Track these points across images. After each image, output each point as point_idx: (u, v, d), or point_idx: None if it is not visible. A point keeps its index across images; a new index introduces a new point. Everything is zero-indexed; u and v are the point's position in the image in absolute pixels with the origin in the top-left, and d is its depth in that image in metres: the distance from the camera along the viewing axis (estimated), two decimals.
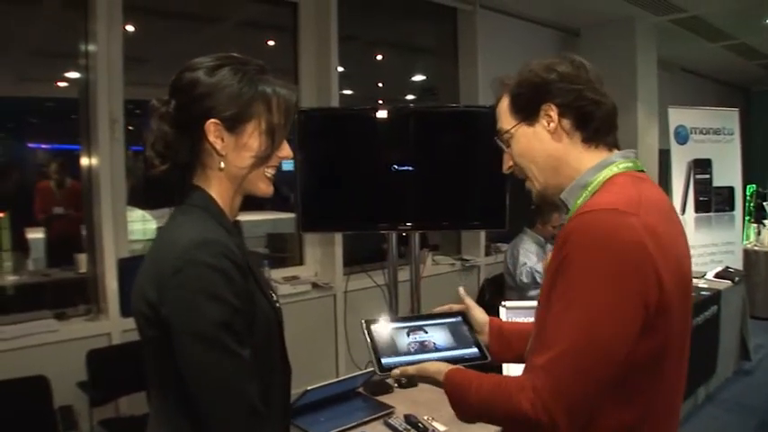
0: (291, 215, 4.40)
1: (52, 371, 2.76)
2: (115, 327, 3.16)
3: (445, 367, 1.20)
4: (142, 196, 3.65)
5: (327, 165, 3.16)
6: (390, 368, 1.27)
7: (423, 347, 1.34)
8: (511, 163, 1.25)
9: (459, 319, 1.44)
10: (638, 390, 1.04)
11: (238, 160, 1.13)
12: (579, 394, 0.99)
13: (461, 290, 1.54)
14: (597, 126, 1.16)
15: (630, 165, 1.14)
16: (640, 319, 0.99)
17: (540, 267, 3.89)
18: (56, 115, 4.74)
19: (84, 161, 3.26)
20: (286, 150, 1.19)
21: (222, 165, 1.12)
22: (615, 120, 1.19)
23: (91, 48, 3.17)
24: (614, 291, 0.98)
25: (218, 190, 1.15)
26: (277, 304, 1.23)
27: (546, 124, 1.17)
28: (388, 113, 3.22)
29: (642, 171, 1.16)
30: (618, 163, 1.14)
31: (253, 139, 1.13)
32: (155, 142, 1.12)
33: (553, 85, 1.15)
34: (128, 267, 3.22)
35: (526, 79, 1.18)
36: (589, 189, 1.12)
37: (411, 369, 1.24)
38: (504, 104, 1.23)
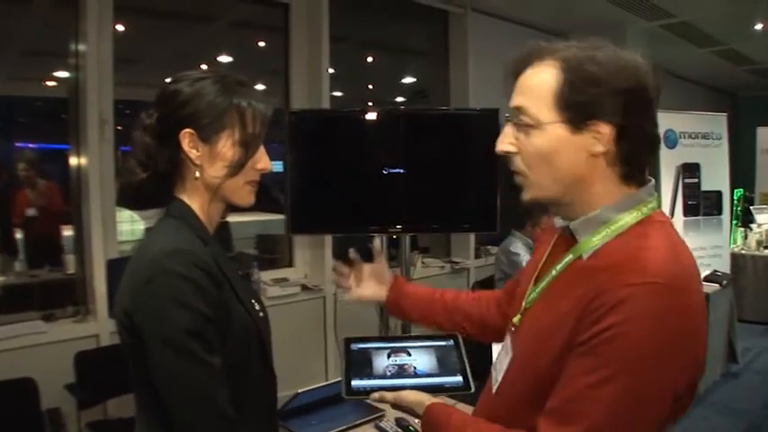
0: (281, 216, 4.39)
1: (39, 373, 2.74)
2: (103, 328, 3.13)
3: (427, 399, 1.11)
4: (130, 197, 3.63)
5: (318, 166, 3.15)
6: (359, 392, 1.20)
7: (401, 371, 1.25)
8: (510, 148, 1.03)
9: (452, 342, 1.35)
10: None
11: (213, 170, 1.15)
12: None
13: (352, 252, 1.57)
14: (642, 164, 0.99)
15: (656, 204, 1.00)
16: (669, 406, 0.91)
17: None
18: (45, 115, 4.71)
19: (74, 161, 3.23)
20: (264, 162, 1.20)
21: (197, 174, 1.15)
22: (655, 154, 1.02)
23: (81, 47, 3.15)
24: (657, 378, 0.88)
25: (196, 200, 1.18)
26: (260, 314, 1.23)
27: (592, 142, 0.96)
28: (380, 115, 3.22)
29: (659, 208, 1.02)
30: (647, 203, 0.98)
31: (226, 148, 1.15)
32: (137, 152, 1.16)
33: (623, 99, 0.94)
34: (117, 268, 3.18)
35: (594, 75, 0.94)
36: (612, 229, 0.96)
37: (389, 396, 1.14)
38: (548, 85, 0.96)
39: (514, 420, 0.99)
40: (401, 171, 3.11)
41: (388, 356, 1.29)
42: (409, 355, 1.29)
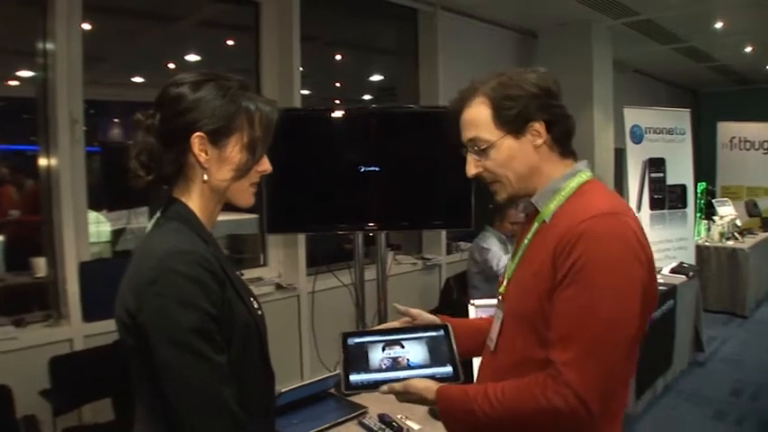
0: (252, 216, 4.38)
1: (12, 379, 2.67)
2: (77, 332, 3.07)
3: (434, 384, 1.24)
4: (98, 198, 3.58)
5: (291, 165, 3.14)
6: (357, 386, 1.28)
7: (395, 364, 1.32)
8: (478, 170, 1.29)
9: (442, 333, 1.40)
10: (632, 358, 1.18)
11: (220, 173, 1.17)
12: (609, 381, 1.09)
13: (397, 306, 1.51)
14: (570, 140, 1.28)
15: (590, 174, 1.27)
16: (641, 303, 1.12)
17: (503, 262, 3.96)
18: (6, 115, 4.59)
19: (43, 162, 3.16)
20: (265, 165, 1.23)
21: (206, 177, 1.16)
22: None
23: (49, 46, 3.08)
24: (628, 284, 1.10)
25: (198, 201, 1.18)
26: (259, 311, 1.24)
27: (532, 139, 1.24)
28: (353, 114, 3.23)
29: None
30: (584, 172, 1.27)
31: (235, 152, 1.17)
32: (139, 153, 1.15)
33: (538, 101, 1.22)
34: (89, 271, 3.14)
35: (514, 94, 1.22)
36: (562, 194, 1.23)
37: (397, 386, 1.25)
38: (485, 114, 1.25)
39: (516, 365, 1.20)
40: (377, 169, 3.13)
41: (383, 349, 1.34)
42: (402, 347, 1.36)
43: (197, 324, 1.03)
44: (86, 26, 3.29)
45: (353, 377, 1.28)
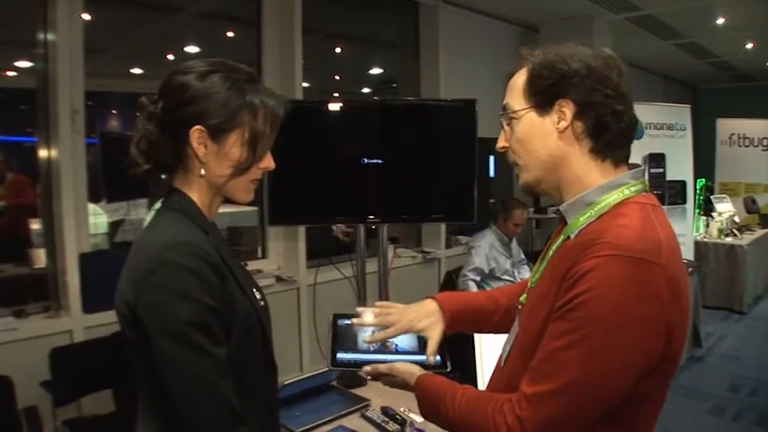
0: (251, 208, 4.37)
1: (13, 370, 2.67)
2: (77, 324, 3.06)
3: (417, 370, 1.21)
4: (96, 189, 3.57)
5: (293, 158, 3.13)
6: (343, 363, 1.29)
7: (383, 348, 1.33)
8: (506, 144, 1.16)
9: None
10: (627, 416, 1.03)
11: (218, 169, 1.14)
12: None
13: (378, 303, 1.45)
14: (610, 139, 1.07)
15: (641, 187, 1.07)
16: (641, 370, 0.97)
17: (482, 263, 3.98)
18: (3, 106, 4.57)
19: (43, 153, 3.14)
20: (267, 161, 1.19)
21: (203, 172, 1.14)
22: (631, 135, 1.10)
23: (50, 37, 3.06)
24: (622, 342, 0.95)
25: (197, 193, 1.16)
26: (261, 302, 1.23)
27: (556, 120, 1.08)
28: (355, 106, 3.21)
29: (648, 192, 1.09)
30: (630, 185, 1.06)
31: (235, 148, 1.13)
32: (139, 141, 1.12)
33: (577, 78, 1.05)
34: (90, 262, 3.13)
35: (551, 63, 1.08)
36: (596, 209, 1.05)
37: (382, 367, 1.23)
38: (520, 81, 1.13)
39: (516, 386, 1.06)
40: (380, 161, 3.12)
41: (372, 333, 1.34)
42: None
43: (195, 317, 1.02)
44: (86, 16, 3.26)
45: (340, 355, 1.30)
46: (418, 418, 1.96)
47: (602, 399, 0.98)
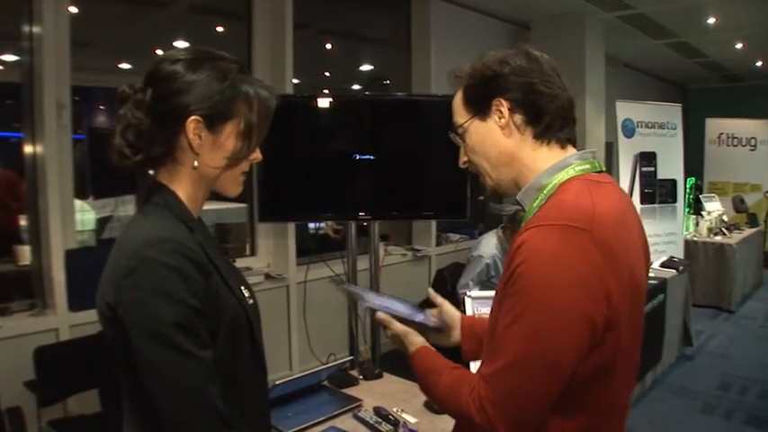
0: (239, 205, 4.34)
1: None
2: (63, 322, 3.01)
3: (422, 341, 1.27)
4: (83, 185, 3.51)
5: (283, 153, 3.09)
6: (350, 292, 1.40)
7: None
8: (465, 158, 1.21)
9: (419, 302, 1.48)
10: (584, 401, 1.04)
11: (212, 160, 1.10)
12: (521, 408, 1.00)
13: (431, 291, 1.52)
14: (549, 122, 1.12)
15: (588, 167, 1.11)
16: (587, 336, 0.98)
17: (483, 272, 3.95)
18: None
19: (29, 148, 3.08)
20: (256, 153, 1.16)
21: (195, 163, 1.09)
22: (571, 114, 1.14)
23: (36, 30, 3.00)
24: (561, 307, 0.97)
25: (185, 187, 1.11)
26: (250, 300, 1.19)
27: (497, 119, 1.13)
28: (347, 101, 3.18)
29: (601, 172, 1.13)
30: (574, 165, 1.10)
31: (230, 139, 1.10)
32: (125, 130, 1.06)
33: (505, 78, 1.11)
34: (76, 259, 3.08)
35: (478, 72, 1.14)
36: (544, 192, 1.09)
37: (398, 328, 1.30)
38: (458, 97, 1.19)
39: None
40: (370, 158, 3.09)
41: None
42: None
43: (177, 317, 0.97)
44: (73, 9, 3.21)
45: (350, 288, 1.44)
46: (411, 419, 1.94)
47: (553, 368, 0.98)
